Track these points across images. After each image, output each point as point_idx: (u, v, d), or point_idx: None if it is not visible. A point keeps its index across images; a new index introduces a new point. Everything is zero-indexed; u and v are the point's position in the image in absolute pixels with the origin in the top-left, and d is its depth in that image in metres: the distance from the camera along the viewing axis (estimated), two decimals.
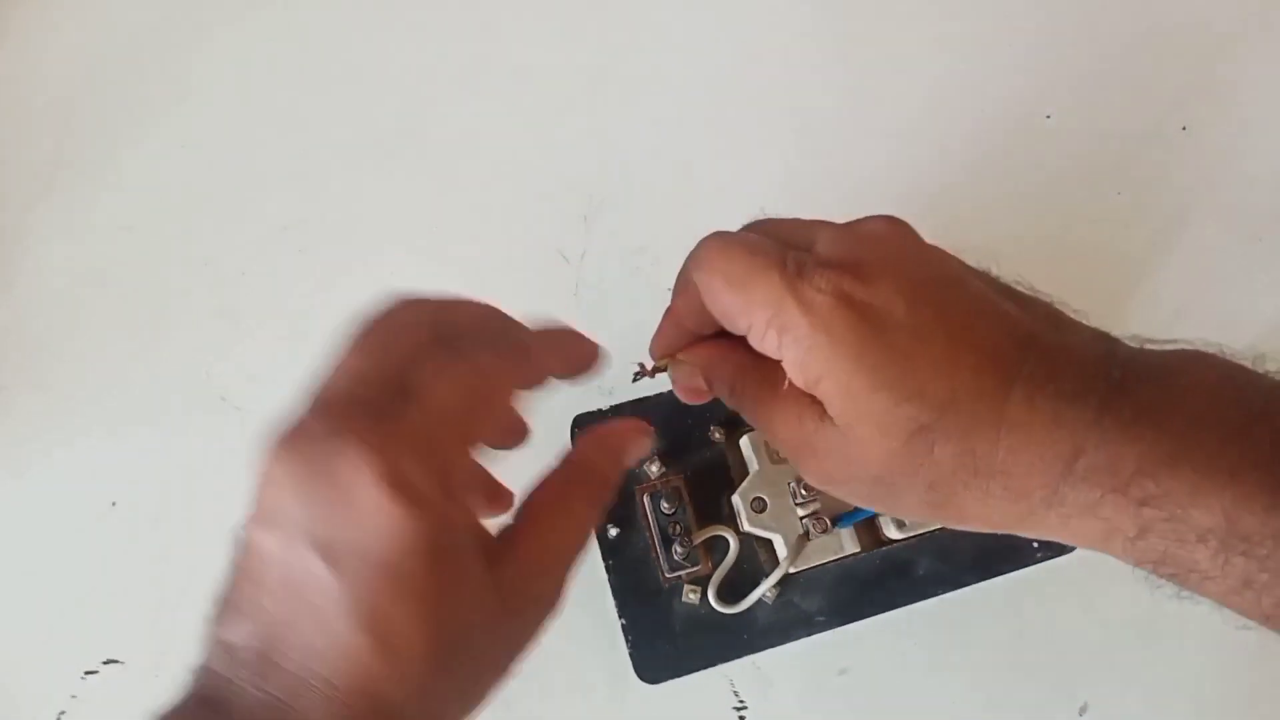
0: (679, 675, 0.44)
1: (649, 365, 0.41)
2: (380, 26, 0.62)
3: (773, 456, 0.45)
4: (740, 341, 0.34)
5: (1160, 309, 0.52)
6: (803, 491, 0.44)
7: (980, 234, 0.53)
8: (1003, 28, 0.58)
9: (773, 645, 0.44)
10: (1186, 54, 0.57)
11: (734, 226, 0.42)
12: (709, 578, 0.44)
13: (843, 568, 0.44)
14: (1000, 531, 0.33)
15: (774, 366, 0.33)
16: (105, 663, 0.49)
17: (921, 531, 0.44)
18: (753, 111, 0.58)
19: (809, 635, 0.44)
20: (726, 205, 0.55)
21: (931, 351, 0.30)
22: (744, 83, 0.58)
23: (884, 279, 0.31)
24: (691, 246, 0.35)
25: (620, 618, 0.45)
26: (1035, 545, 0.44)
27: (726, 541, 0.45)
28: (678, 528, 0.45)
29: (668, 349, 0.37)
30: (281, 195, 0.59)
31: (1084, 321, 0.33)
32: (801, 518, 0.43)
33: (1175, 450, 0.29)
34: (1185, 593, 0.31)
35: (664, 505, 0.45)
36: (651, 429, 0.36)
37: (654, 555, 0.45)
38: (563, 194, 0.56)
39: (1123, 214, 0.54)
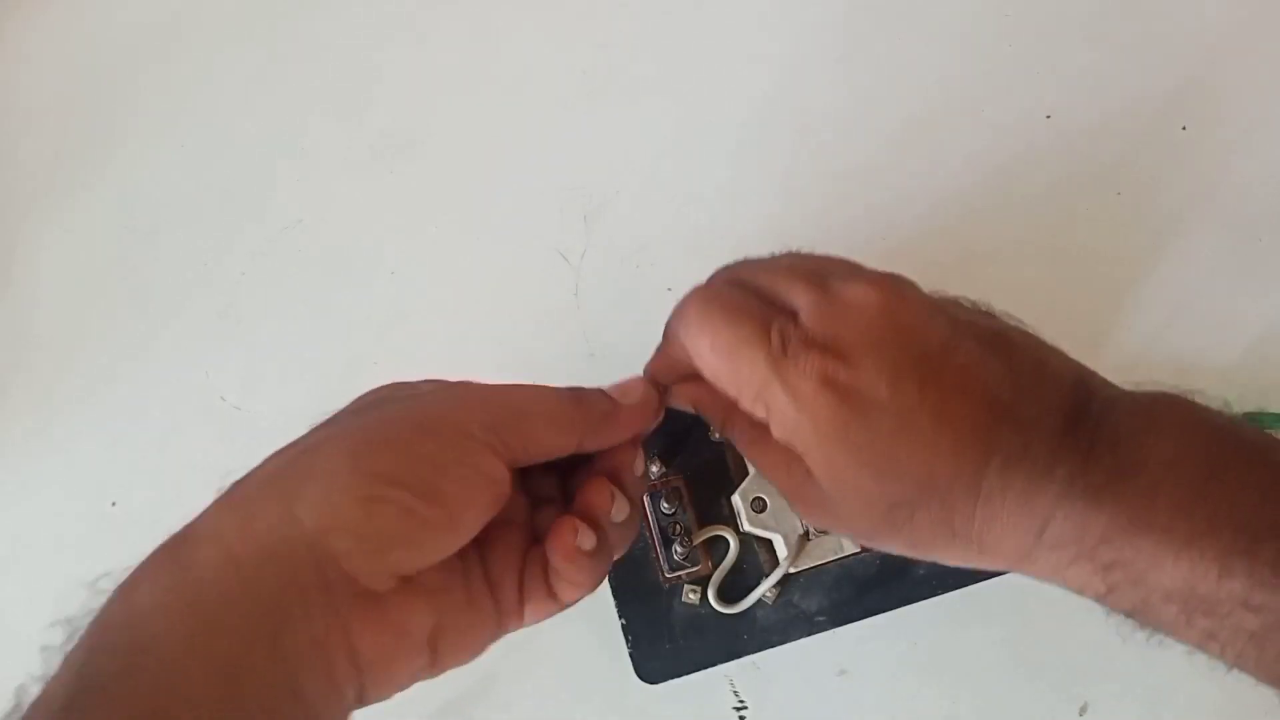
0: (679, 675, 0.44)
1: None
2: (380, 27, 0.62)
3: None
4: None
5: (1159, 308, 0.52)
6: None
7: (980, 234, 0.54)
8: (1003, 28, 0.58)
9: (773, 645, 0.44)
10: (1186, 54, 0.57)
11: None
12: (709, 578, 0.45)
13: (842, 568, 0.44)
14: (986, 569, 0.35)
15: (760, 429, 0.35)
16: None
17: None
18: (753, 111, 0.58)
19: (809, 635, 0.44)
20: (726, 205, 0.55)
21: (912, 433, 0.32)
22: (744, 82, 0.58)
23: (867, 360, 0.32)
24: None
25: (620, 618, 0.45)
26: None
27: (726, 542, 0.45)
28: (678, 528, 0.45)
29: (662, 378, 0.37)
30: (281, 195, 0.59)
31: (1065, 353, 0.35)
32: (802, 517, 0.43)
33: (1134, 518, 0.31)
34: (1159, 638, 0.33)
35: (664, 505, 0.45)
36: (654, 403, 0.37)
37: (654, 555, 0.45)
38: (563, 194, 0.56)
39: (1122, 214, 0.54)
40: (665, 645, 0.44)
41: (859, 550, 0.44)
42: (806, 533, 0.44)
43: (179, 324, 0.56)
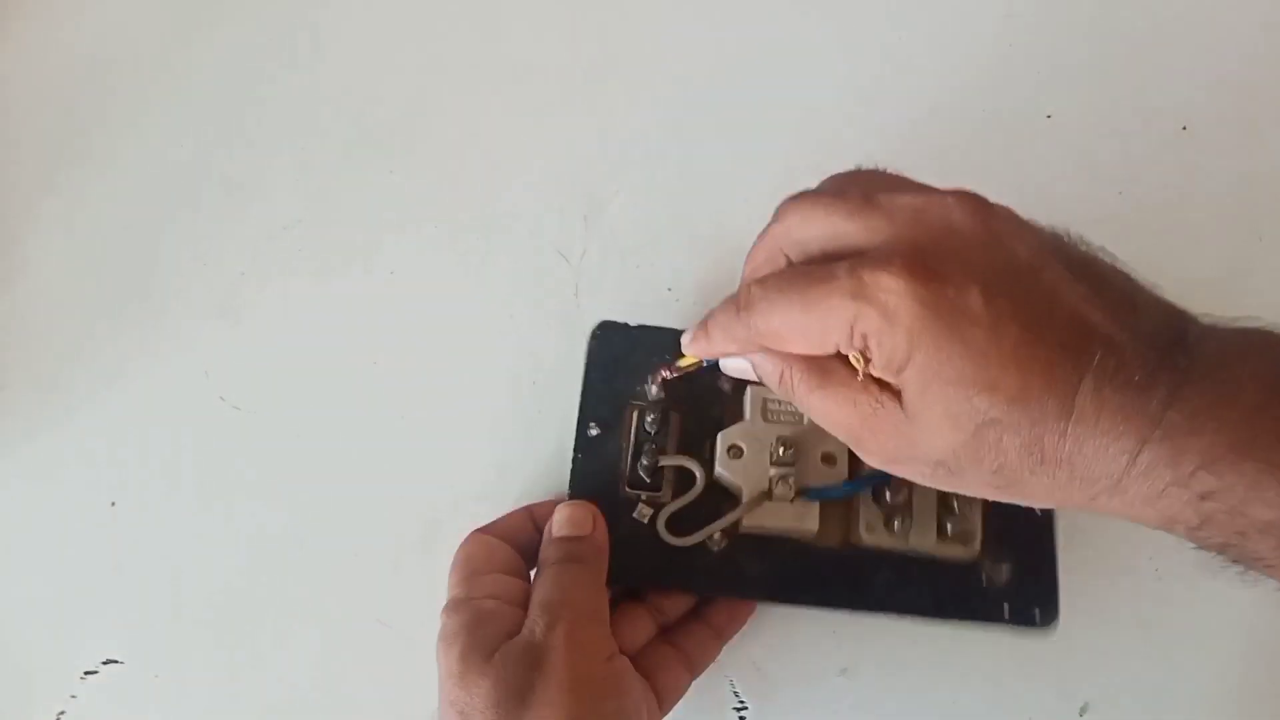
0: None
1: (667, 373, 0.43)
2: (380, 26, 0.62)
3: (766, 415, 0.44)
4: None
5: None
6: (781, 453, 0.43)
7: None
8: (1003, 28, 0.58)
9: (698, 590, 0.44)
10: (1186, 54, 0.57)
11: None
12: (665, 506, 0.44)
13: (799, 548, 0.44)
14: (1067, 508, 0.34)
15: (824, 364, 0.34)
16: (105, 663, 0.49)
17: (894, 547, 0.44)
18: (753, 111, 0.58)
19: (737, 597, 0.44)
20: (726, 205, 0.55)
21: (1005, 346, 0.31)
22: (744, 82, 0.58)
23: (956, 273, 0.32)
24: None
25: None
26: (1006, 608, 0.44)
27: (694, 480, 0.45)
28: (654, 447, 0.45)
29: (706, 354, 0.38)
30: (281, 195, 0.59)
31: (1156, 294, 0.34)
32: (771, 476, 0.43)
33: (1235, 444, 0.29)
34: (1250, 575, 0.31)
35: (649, 423, 0.45)
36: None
37: (623, 465, 0.45)
38: (563, 194, 0.56)
39: (1123, 214, 0.54)
40: None
41: (816, 529, 0.43)
42: (769, 490, 0.43)
43: (178, 323, 0.56)
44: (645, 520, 0.44)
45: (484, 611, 0.40)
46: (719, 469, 0.44)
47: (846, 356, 0.34)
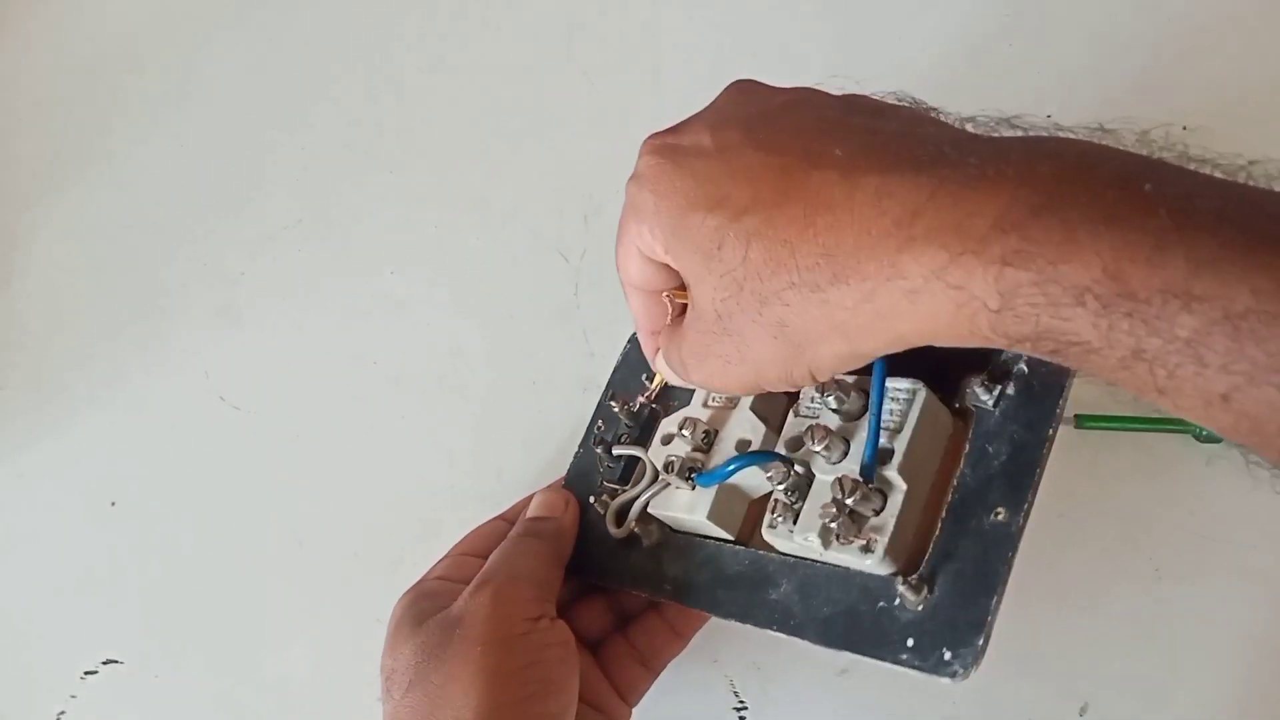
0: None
1: (650, 386, 0.43)
2: (380, 27, 0.62)
3: (706, 401, 0.42)
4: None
5: None
6: (688, 435, 0.41)
7: None
8: (1003, 28, 0.58)
9: (622, 585, 0.43)
10: (1186, 54, 0.57)
11: None
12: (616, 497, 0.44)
13: (715, 551, 0.40)
14: (859, 348, 0.29)
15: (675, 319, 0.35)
16: (105, 663, 0.49)
17: (799, 555, 0.38)
18: None
19: (651, 595, 0.42)
20: None
21: (734, 165, 0.30)
22: None
23: (696, 124, 0.33)
24: None
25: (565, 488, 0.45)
26: (907, 644, 0.34)
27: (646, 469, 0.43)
28: (624, 438, 0.44)
29: (651, 350, 0.39)
30: (281, 195, 0.59)
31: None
32: (669, 460, 0.40)
33: (1041, 202, 0.24)
34: (1080, 372, 0.27)
35: (628, 416, 0.44)
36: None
37: (598, 461, 0.45)
38: (563, 194, 0.56)
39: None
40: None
41: (708, 514, 0.39)
42: (658, 473, 0.41)
43: (179, 323, 0.56)
44: (603, 513, 0.43)
45: (425, 591, 0.41)
46: (650, 454, 0.42)
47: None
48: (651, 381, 0.44)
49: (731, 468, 0.38)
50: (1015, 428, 0.34)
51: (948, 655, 0.33)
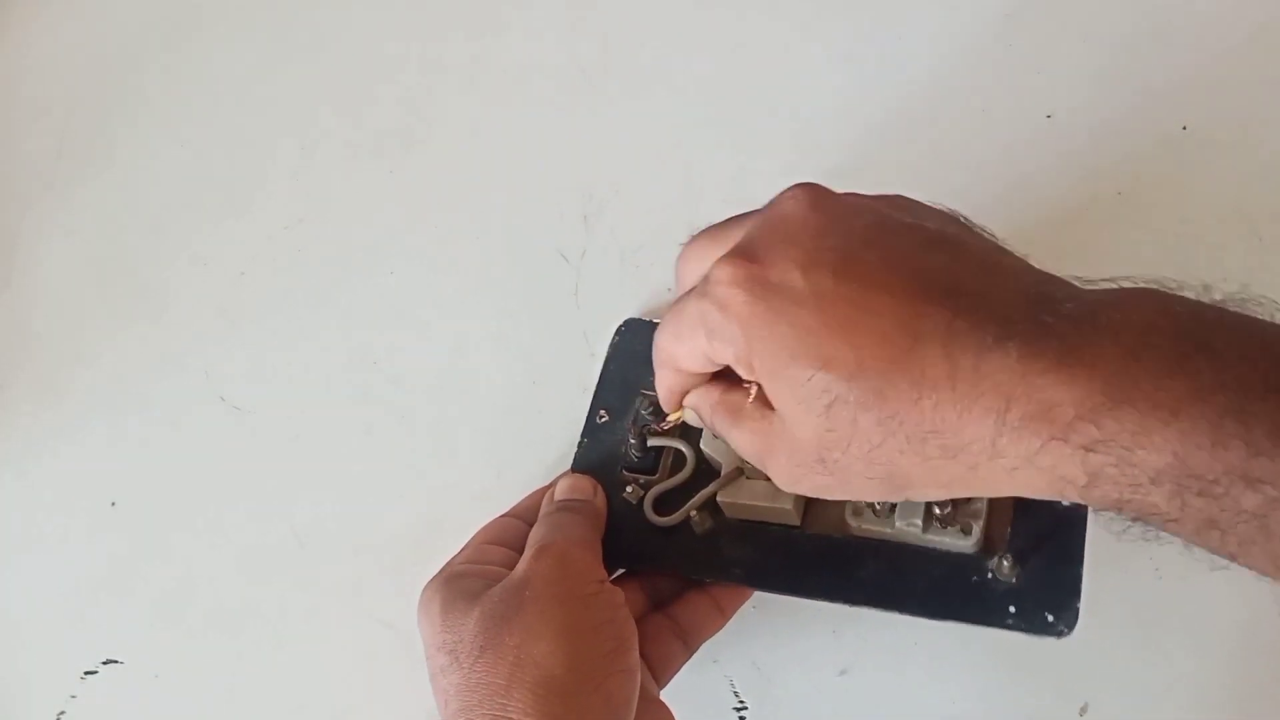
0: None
1: (657, 429, 0.44)
2: (380, 26, 0.62)
3: None
4: (712, 380, 0.37)
5: None
6: None
7: None
8: (1003, 28, 0.58)
9: (678, 570, 0.44)
10: (1186, 54, 0.57)
11: None
12: (654, 486, 0.44)
13: (784, 534, 0.43)
14: (958, 495, 0.32)
15: (737, 391, 0.35)
16: (105, 663, 0.49)
17: (886, 535, 0.41)
18: (752, 111, 0.58)
19: (715, 580, 0.43)
20: (726, 204, 0.55)
21: (833, 321, 0.30)
22: (744, 82, 0.58)
23: (779, 255, 0.32)
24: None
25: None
26: (1011, 610, 0.39)
27: (686, 461, 0.44)
28: (650, 429, 0.45)
29: (672, 408, 0.40)
30: (281, 195, 0.59)
31: (1026, 262, 0.32)
32: None
33: (1113, 391, 0.27)
34: (1159, 535, 0.29)
35: (649, 411, 0.45)
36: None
37: (623, 449, 0.45)
38: (563, 194, 0.56)
39: (1123, 214, 0.54)
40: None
41: (790, 506, 0.42)
42: (741, 468, 0.42)
43: (179, 323, 0.56)
44: (634, 502, 0.44)
45: (457, 573, 0.41)
46: (703, 445, 0.44)
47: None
48: (666, 416, 0.44)
49: None
50: None
51: (1051, 617, 0.38)
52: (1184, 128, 0.55)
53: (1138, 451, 0.27)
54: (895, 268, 0.31)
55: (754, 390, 0.34)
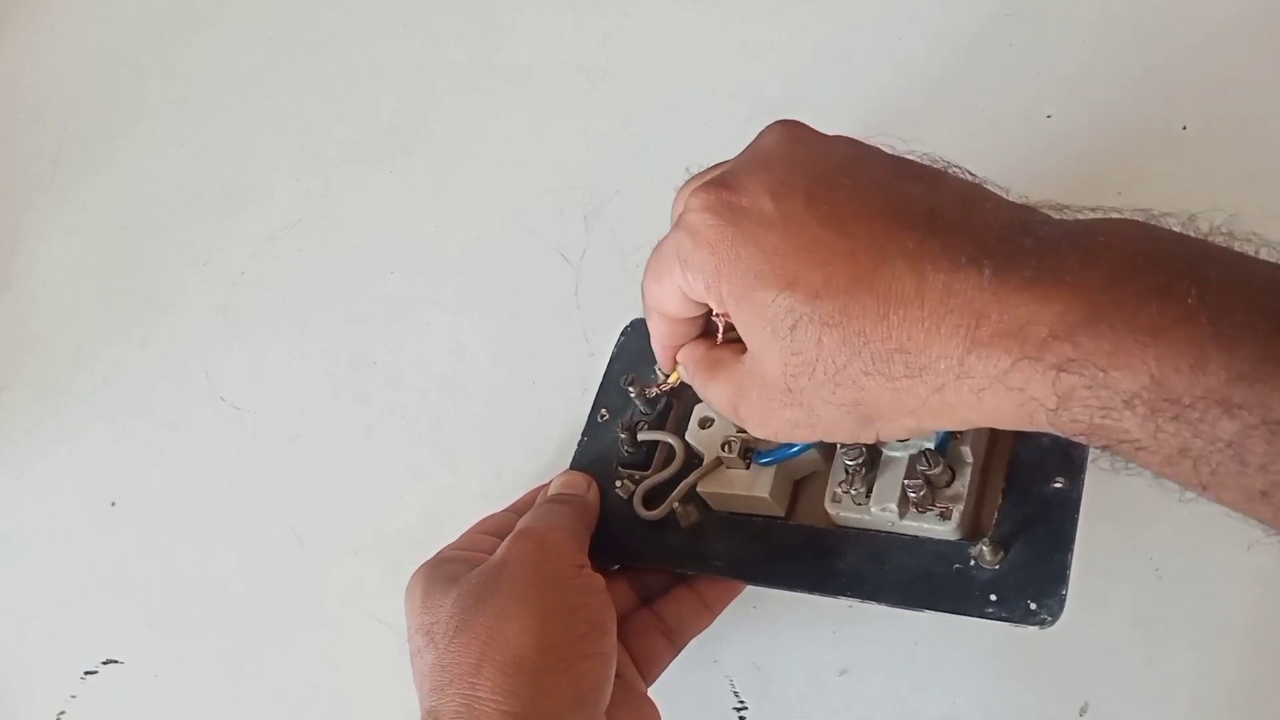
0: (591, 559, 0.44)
1: (658, 387, 0.43)
2: (380, 26, 0.62)
3: None
4: (699, 338, 0.37)
5: None
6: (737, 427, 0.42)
7: None
8: (1003, 28, 0.58)
9: (664, 565, 0.43)
10: (1186, 54, 0.57)
11: None
12: (643, 480, 0.44)
13: (765, 526, 0.42)
14: (926, 426, 0.31)
15: (719, 346, 0.35)
16: (105, 663, 0.49)
17: (863, 522, 0.40)
18: (752, 109, 0.58)
19: (696, 572, 0.43)
20: None
21: (801, 241, 0.30)
22: (744, 81, 0.58)
23: (751, 181, 0.32)
24: None
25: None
26: (990, 599, 0.37)
27: (675, 454, 0.44)
28: (643, 425, 0.45)
29: (668, 368, 0.40)
30: (281, 195, 0.59)
31: (1005, 197, 0.32)
32: (724, 441, 0.42)
33: (1091, 311, 0.26)
34: (1128, 466, 0.28)
35: (644, 406, 0.45)
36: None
37: (620, 445, 0.45)
38: (563, 194, 0.56)
39: (1123, 214, 0.54)
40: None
41: (768, 495, 0.41)
42: (719, 457, 0.42)
43: (179, 323, 0.56)
44: (626, 497, 0.44)
45: (444, 558, 0.41)
46: (688, 437, 0.44)
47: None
48: (666, 377, 0.44)
49: (797, 448, 0.40)
50: None
51: (1033, 606, 0.37)
52: (1184, 128, 0.55)
53: (1113, 373, 0.26)
54: (869, 193, 0.31)
55: (722, 323, 0.34)
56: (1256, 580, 0.43)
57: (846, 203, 0.30)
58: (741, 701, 0.46)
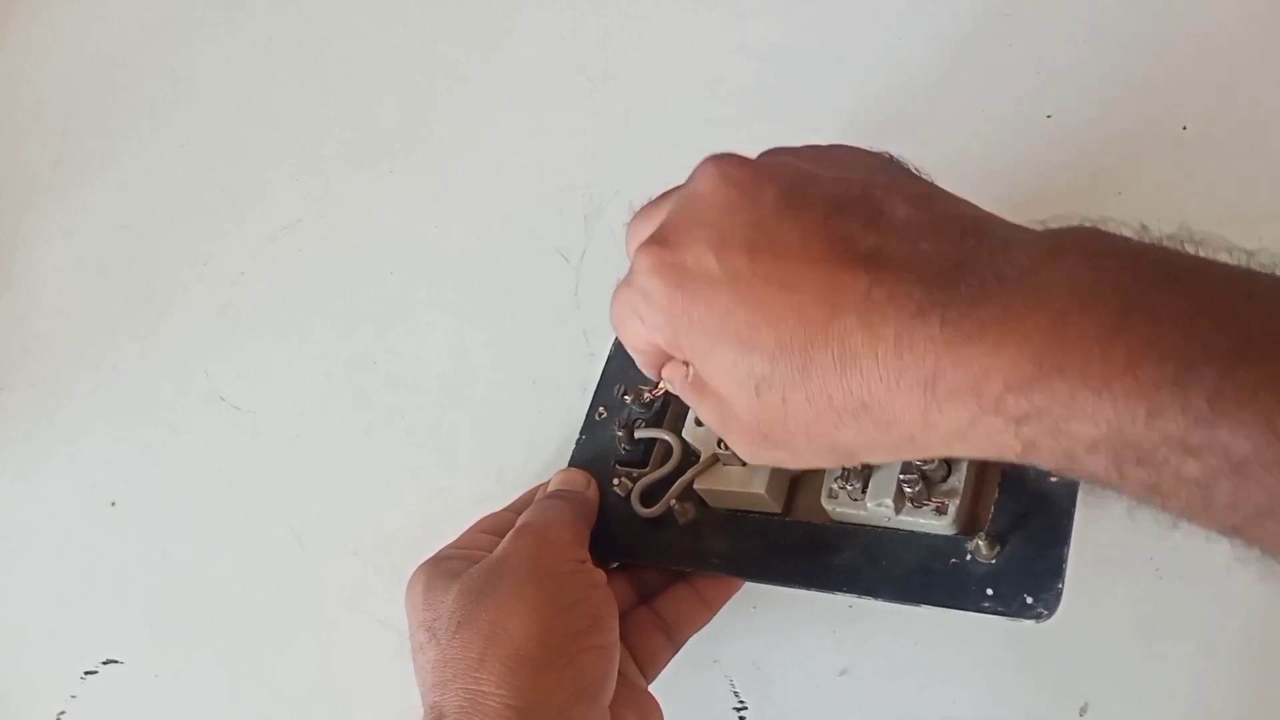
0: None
1: (647, 394, 0.44)
2: (380, 26, 0.62)
3: None
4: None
5: None
6: None
7: None
8: (1003, 28, 0.58)
9: (663, 563, 0.44)
10: (1186, 54, 0.57)
11: None
12: (641, 478, 0.44)
13: (764, 523, 0.42)
14: (910, 459, 0.32)
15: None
16: (105, 663, 0.49)
17: (862, 520, 0.40)
18: (752, 110, 0.58)
19: (693, 569, 0.43)
20: None
21: (749, 300, 0.30)
22: (743, 82, 0.58)
23: (692, 238, 0.31)
24: None
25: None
26: (986, 594, 0.37)
27: (672, 452, 0.44)
28: (640, 422, 0.45)
29: (653, 376, 0.39)
30: (281, 195, 0.59)
31: (959, 208, 0.31)
32: (718, 439, 0.42)
33: (1042, 360, 0.26)
34: (1098, 493, 0.28)
35: (640, 404, 0.45)
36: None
37: (617, 443, 0.45)
38: (563, 194, 0.56)
39: (1123, 214, 0.54)
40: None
41: (764, 491, 0.41)
42: (715, 455, 0.42)
43: (179, 323, 0.56)
44: (623, 494, 0.44)
45: (444, 557, 0.41)
46: (685, 434, 0.44)
47: None
48: (647, 393, 0.44)
49: None
50: None
51: (1030, 600, 0.36)
52: (1184, 128, 0.55)
53: (1071, 423, 0.26)
54: (810, 236, 0.30)
55: (690, 371, 0.34)
56: (1256, 580, 0.43)
57: (788, 252, 0.30)
58: (741, 701, 0.46)
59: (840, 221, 0.30)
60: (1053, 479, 0.37)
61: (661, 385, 0.40)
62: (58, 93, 0.63)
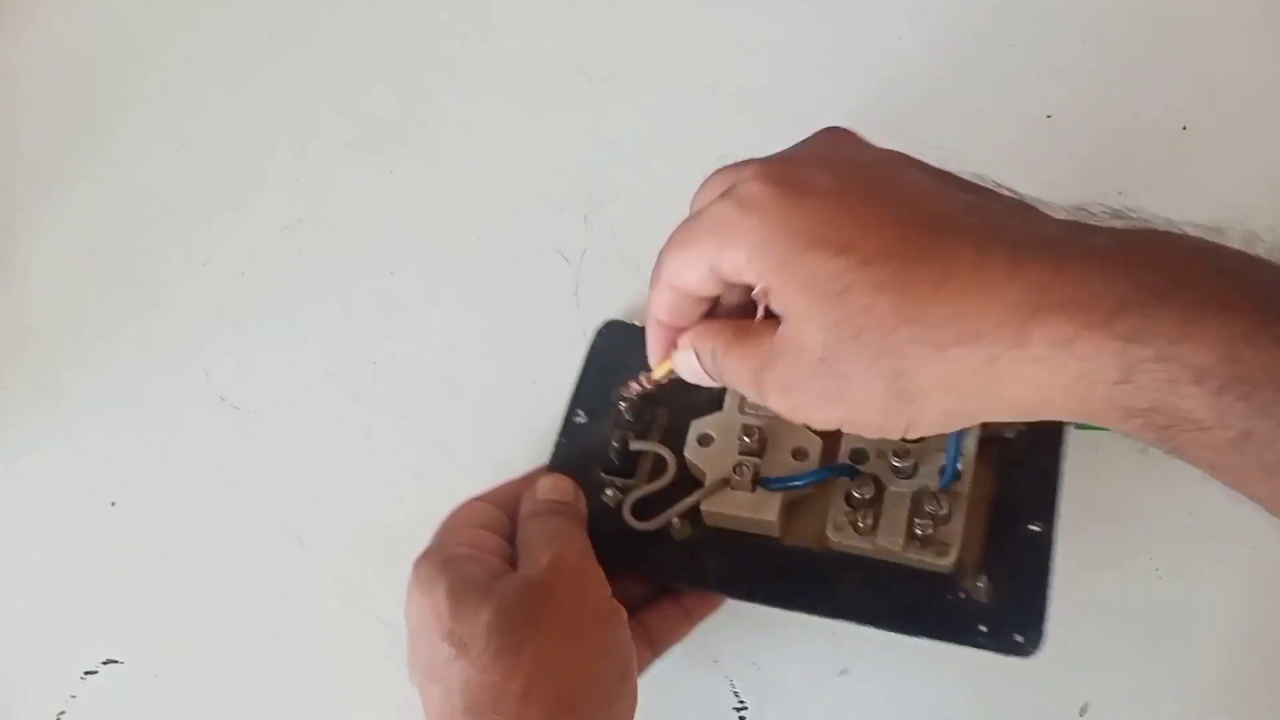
0: None
1: (641, 383, 0.42)
2: (379, 25, 0.62)
3: (742, 406, 0.44)
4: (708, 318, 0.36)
5: None
6: (747, 441, 0.43)
7: None
8: (1003, 28, 0.58)
9: (655, 576, 0.44)
10: (1186, 54, 0.57)
11: None
12: (633, 490, 0.44)
13: (762, 545, 0.43)
14: (966, 406, 0.30)
15: (740, 322, 0.35)
16: (105, 663, 0.49)
17: (865, 551, 0.42)
18: (752, 110, 0.58)
19: (691, 587, 0.44)
20: None
21: (858, 213, 0.30)
22: (743, 81, 0.58)
23: (807, 160, 0.32)
24: None
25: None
26: (982, 629, 0.40)
27: (667, 467, 0.44)
28: (631, 434, 0.45)
29: (662, 352, 0.39)
30: (281, 195, 0.59)
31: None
32: (733, 464, 0.43)
33: (1164, 283, 0.26)
34: (1176, 452, 0.27)
35: (632, 412, 0.45)
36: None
37: (604, 451, 0.45)
38: (563, 194, 0.56)
39: (1123, 214, 0.54)
40: None
41: (775, 519, 0.42)
42: (728, 479, 0.42)
43: (178, 323, 0.56)
44: (613, 505, 0.44)
45: (459, 555, 0.40)
46: (687, 454, 0.44)
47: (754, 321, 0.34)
48: (652, 372, 0.43)
49: (811, 478, 0.42)
50: (1032, 454, 0.42)
51: (1019, 638, 0.39)
52: (1184, 128, 0.55)
53: (1185, 345, 0.25)
54: (922, 187, 0.31)
55: (764, 300, 0.32)
56: (1256, 580, 0.43)
57: (902, 187, 0.31)
58: (741, 701, 0.46)
59: (950, 189, 0.31)
60: (1035, 526, 0.41)
61: (658, 372, 0.40)
62: (54, 89, 0.63)
